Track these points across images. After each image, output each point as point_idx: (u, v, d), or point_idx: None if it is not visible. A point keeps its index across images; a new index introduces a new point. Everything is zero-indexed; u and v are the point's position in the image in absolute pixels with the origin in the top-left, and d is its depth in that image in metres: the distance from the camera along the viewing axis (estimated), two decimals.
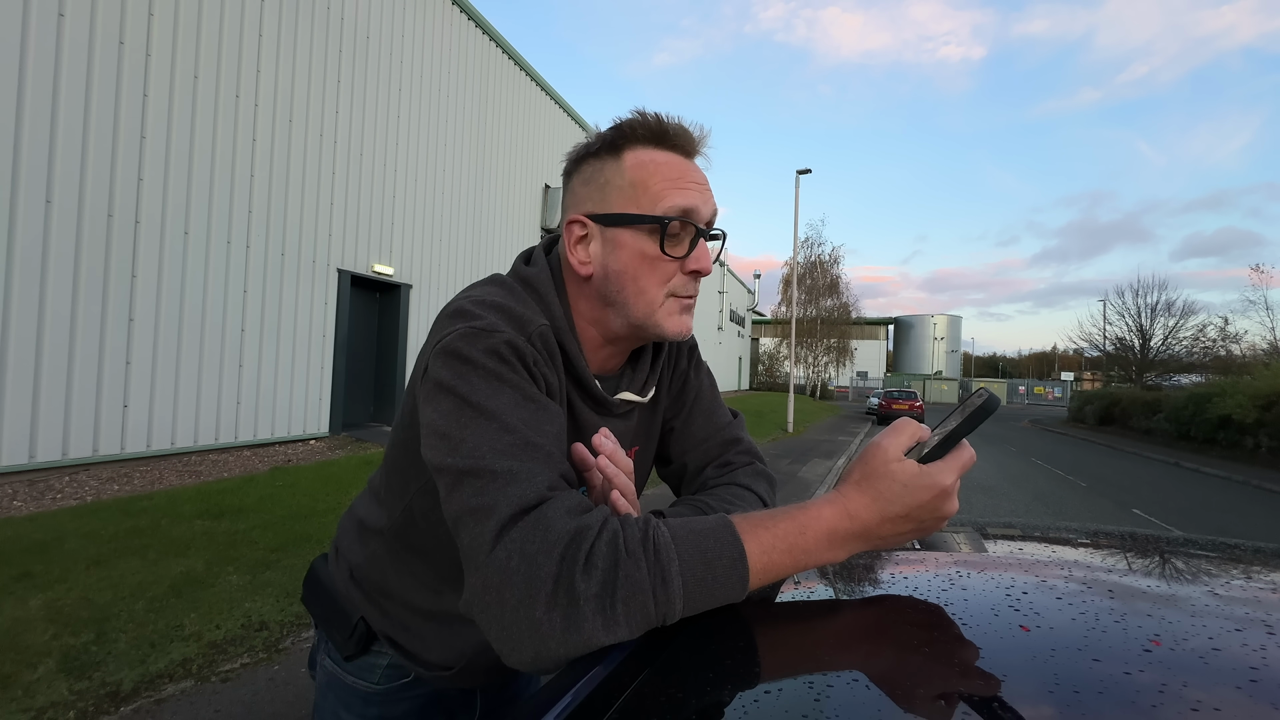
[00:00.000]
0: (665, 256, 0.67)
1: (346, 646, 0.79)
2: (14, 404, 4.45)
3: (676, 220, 0.67)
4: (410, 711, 0.81)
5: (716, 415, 0.87)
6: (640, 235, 0.67)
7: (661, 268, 0.68)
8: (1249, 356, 22.74)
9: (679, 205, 0.67)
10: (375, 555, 0.78)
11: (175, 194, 5.52)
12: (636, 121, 0.68)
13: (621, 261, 0.68)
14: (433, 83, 8.98)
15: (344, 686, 0.81)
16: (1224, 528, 6.66)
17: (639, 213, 0.67)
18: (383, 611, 0.78)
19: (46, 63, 4.60)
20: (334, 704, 0.82)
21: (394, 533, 0.75)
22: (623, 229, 0.68)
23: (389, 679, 0.80)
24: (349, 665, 0.81)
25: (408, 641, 0.77)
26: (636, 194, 0.67)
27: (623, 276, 0.68)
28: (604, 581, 0.48)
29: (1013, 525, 0.97)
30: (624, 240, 0.68)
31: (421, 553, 0.73)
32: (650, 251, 0.67)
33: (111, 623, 2.63)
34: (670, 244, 0.67)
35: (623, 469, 0.66)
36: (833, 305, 35.43)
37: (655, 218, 0.66)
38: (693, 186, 0.68)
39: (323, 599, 0.84)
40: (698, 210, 0.68)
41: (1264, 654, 0.45)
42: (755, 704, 0.43)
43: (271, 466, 5.83)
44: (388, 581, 0.77)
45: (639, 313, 0.69)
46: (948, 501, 0.55)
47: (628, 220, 0.67)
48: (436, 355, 0.60)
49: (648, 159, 0.68)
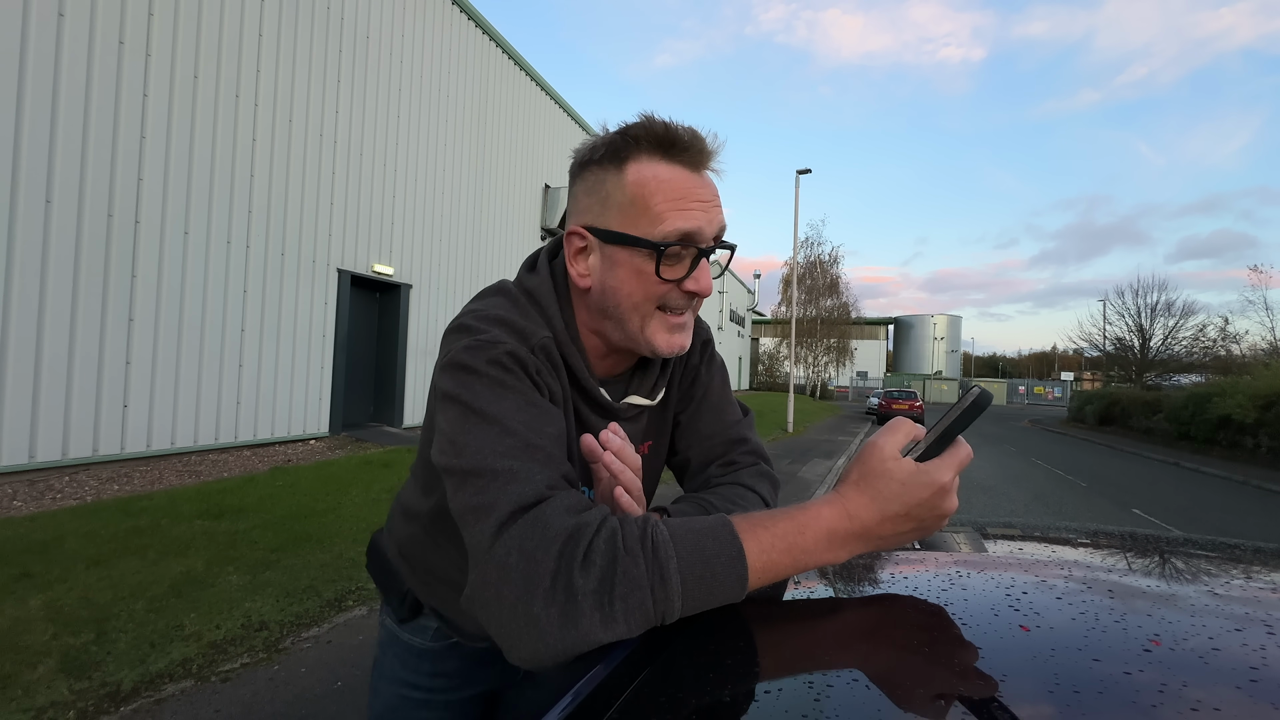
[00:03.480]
0: (660, 280, 0.65)
1: (399, 611, 0.88)
2: (14, 404, 4.45)
3: (676, 245, 0.64)
4: (460, 669, 0.89)
5: (725, 412, 0.86)
6: (638, 256, 0.65)
7: (656, 288, 0.66)
8: (1249, 356, 22.74)
9: (680, 229, 0.64)
10: (415, 537, 0.84)
11: (175, 194, 5.52)
12: (642, 129, 0.65)
13: (618, 279, 0.67)
14: (433, 83, 8.98)
15: (401, 644, 0.90)
16: (1224, 528, 6.66)
17: (636, 235, 0.64)
18: (427, 586, 0.85)
19: (46, 63, 4.60)
20: (392, 660, 0.91)
21: (430, 518, 0.79)
22: (620, 247, 0.66)
23: (439, 639, 0.88)
24: (404, 626, 0.90)
25: (450, 613, 0.84)
26: (636, 213, 0.64)
27: (618, 294, 0.67)
28: (602, 578, 0.48)
29: (1013, 525, 0.97)
30: (621, 259, 0.66)
31: (454, 540, 0.75)
32: (646, 272, 0.65)
33: (111, 623, 2.63)
34: (667, 267, 0.65)
35: (630, 465, 0.66)
36: (833, 305, 35.44)
37: (653, 244, 0.64)
38: (696, 206, 0.65)
39: (381, 568, 0.93)
40: (700, 232, 0.65)
41: (1264, 654, 0.45)
42: (755, 704, 0.43)
43: (271, 466, 5.83)
44: (429, 560, 0.83)
45: (633, 328, 0.68)
46: (947, 499, 0.55)
47: (626, 240, 0.65)
48: (443, 369, 0.63)
49: (650, 175, 0.64)
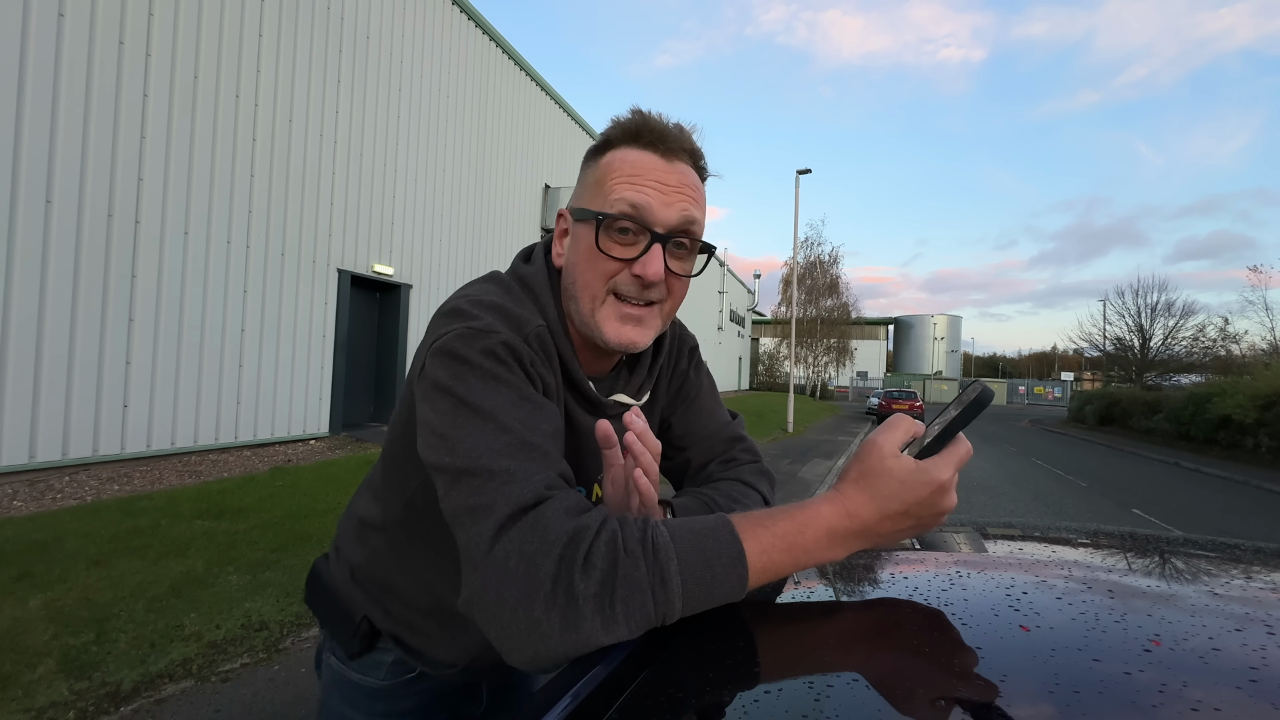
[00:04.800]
0: (603, 254, 0.65)
1: (351, 645, 0.79)
2: (14, 404, 4.45)
3: (617, 217, 0.64)
4: (416, 706, 0.82)
5: (718, 414, 0.87)
6: (591, 230, 0.66)
7: (602, 264, 0.66)
8: (1249, 356, 22.75)
9: (627, 199, 0.64)
10: (377, 553, 0.78)
11: (175, 194, 5.52)
12: (621, 121, 0.69)
13: (576, 254, 0.69)
14: (433, 83, 8.98)
15: (350, 684, 0.81)
16: (1224, 528, 6.66)
17: (590, 208, 0.67)
18: (386, 611, 0.78)
19: (46, 63, 4.60)
20: (340, 702, 0.83)
21: (396, 526, 0.75)
22: (580, 223, 0.69)
23: (394, 675, 0.80)
24: (354, 663, 0.81)
25: (413, 639, 0.77)
26: (597, 189, 0.67)
27: (574, 269, 0.69)
28: (603, 581, 0.48)
29: (1013, 525, 0.97)
30: (580, 234, 0.68)
31: (426, 546, 0.73)
32: (591, 244, 0.66)
33: (111, 623, 2.63)
34: (606, 238, 0.65)
35: (651, 450, 0.64)
36: (833, 305, 35.47)
37: (594, 213, 0.65)
38: (650, 185, 0.65)
39: (325, 599, 0.84)
40: (649, 208, 0.64)
41: (1264, 654, 0.45)
42: (755, 704, 0.43)
43: (271, 466, 5.83)
44: (391, 579, 0.77)
45: (584, 309, 0.68)
46: (946, 496, 0.55)
47: (581, 214, 0.68)
48: (433, 355, 0.60)
49: (620, 157, 0.67)
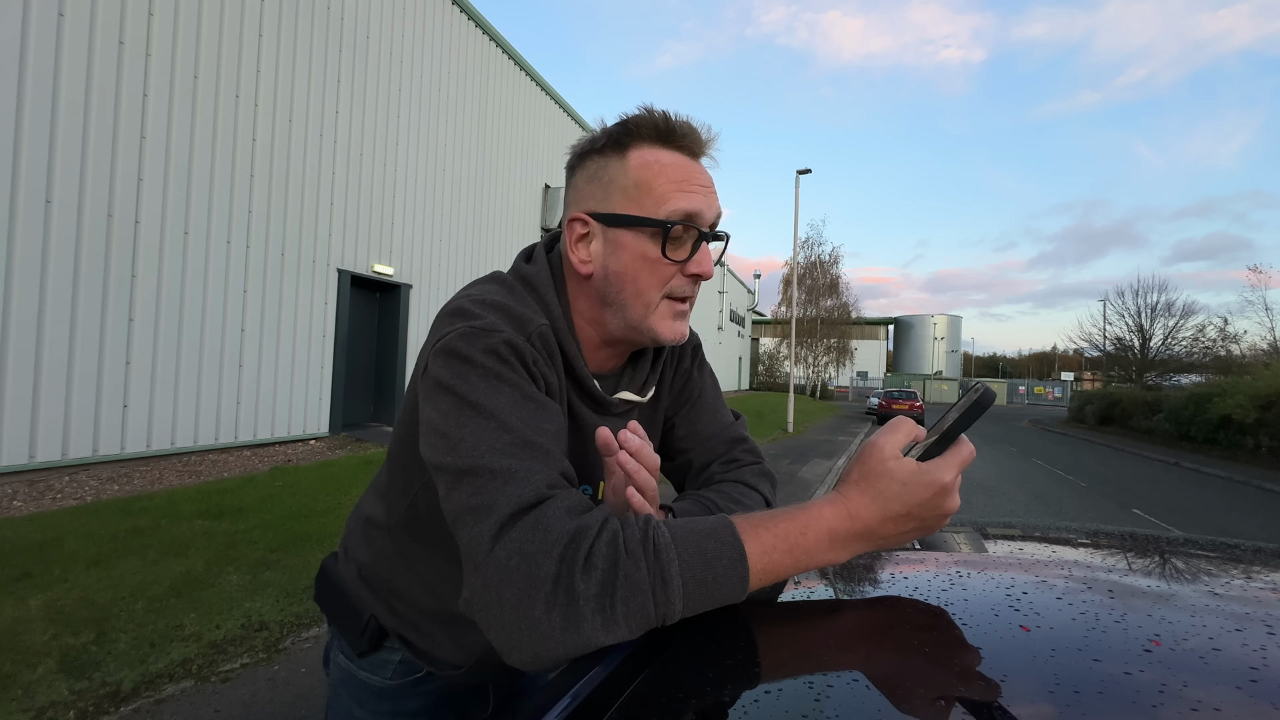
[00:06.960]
0: (666, 260, 0.67)
1: (359, 644, 0.80)
2: (14, 404, 4.45)
3: (680, 224, 0.66)
4: (423, 706, 0.82)
5: (720, 414, 0.87)
6: (642, 237, 0.66)
7: (661, 270, 0.67)
8: (1249, 356, 22.73)
9: (683, 209, 0.66)
10: (382, 553, 0.79)
11: (175, 194, 5.52)
12: (643, 119, 0.67)
13: (622, 263, 0.67)
14: (433, 83, 8.98)
15: (358, 682, 0.82)
16: (1224, 528, 6.66)
17: (642, 215, 0.66)
18: (392, 610, 0.79)
19: (46, 63, 4.60)
20: (348, 700, 0.83)
21: (400, 528, 0.75)
22: (625, 230, 0.67)
23: (401, 674, 0.80)
24: (362, 662, 0.81)
25: (418, 640, 0.77)
26: (640, 195, 0.66)
27: (622, 278, 0.68)
28: (603, 581, 0.48)
29: (1013, 525, 0.97)
30: (625, 241, 0.67)
31: (429, 547, 0.73)
32: (652, 254, 0.66)
33: (111, 623, 2.63)
34: (672, 248, 0.67)
35: (647, 465, 0.65)
36: (833, 305, 35.44)
37: (659, 221, 0.65)
38: (697, 189, 0.67)
39: (334, 597, 0.85)
40: (701, 214, 0.67)
41: (1264, 654, 0.45)
42: (755, 704, 0.43)
43: (271, 466, 5.83)
44: (396, 579, 0.78)
45: (635, 315, 0.68)
46: (948, 498, 0.55)
47: (630, 222, 0.66)
48: (436, 354, 0.60)
49: (653, 159, 0.67)
